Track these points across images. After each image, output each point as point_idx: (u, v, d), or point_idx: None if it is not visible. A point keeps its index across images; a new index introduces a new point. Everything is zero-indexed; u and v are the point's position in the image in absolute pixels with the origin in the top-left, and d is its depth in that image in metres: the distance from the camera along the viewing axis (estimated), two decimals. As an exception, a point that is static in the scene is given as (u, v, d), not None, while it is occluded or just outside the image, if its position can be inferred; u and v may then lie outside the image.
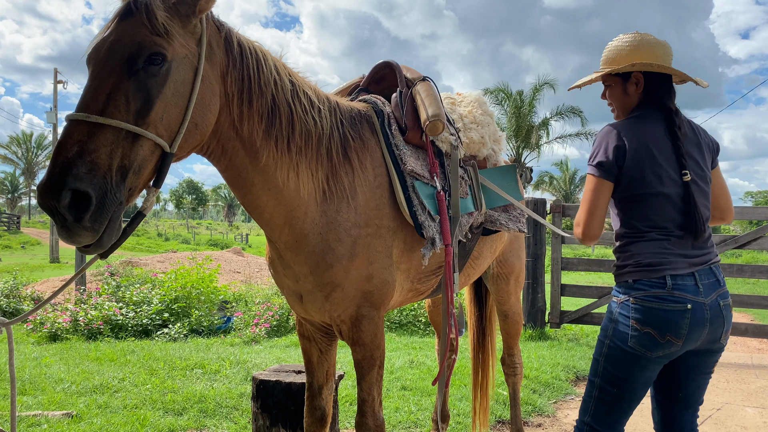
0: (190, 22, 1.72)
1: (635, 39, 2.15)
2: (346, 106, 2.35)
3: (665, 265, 2.01)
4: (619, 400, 2.07)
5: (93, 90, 1.58)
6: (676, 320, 1.97)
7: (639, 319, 2.00)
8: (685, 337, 1.98)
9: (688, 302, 1.97)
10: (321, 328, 2.50)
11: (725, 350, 7.43)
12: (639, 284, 2.03)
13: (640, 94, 2.15)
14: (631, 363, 2.03)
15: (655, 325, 1.97)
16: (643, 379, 2.06)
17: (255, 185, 2.01)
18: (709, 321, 2.00)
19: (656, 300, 1.98)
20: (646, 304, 1.99)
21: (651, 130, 2.07)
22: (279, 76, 2.02)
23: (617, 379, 2.06)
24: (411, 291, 2.49)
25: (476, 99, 2.91)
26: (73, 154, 1.48)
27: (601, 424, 2.10)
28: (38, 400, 4.54)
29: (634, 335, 2.00)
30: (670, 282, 1.99)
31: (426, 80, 2.48)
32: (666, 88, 2.14)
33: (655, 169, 2.03)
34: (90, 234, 1.50)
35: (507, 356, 3.57)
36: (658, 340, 1.98)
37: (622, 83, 2.17)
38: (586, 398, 2.17)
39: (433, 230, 2.29)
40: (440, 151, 2.50)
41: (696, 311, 1.98)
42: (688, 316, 1.97)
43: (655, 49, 2.12)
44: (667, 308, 1.97)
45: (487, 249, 2.95)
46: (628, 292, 2.05)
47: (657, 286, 1.99)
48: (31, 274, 17.00)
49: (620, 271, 2.11)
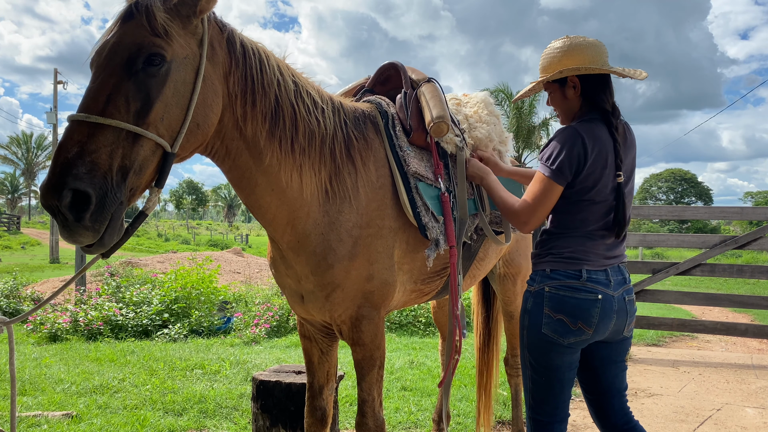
0: (191, 22, 1.72)
1: (564, 44, 2.17)
2: (350, 106, 2.35)
3: (583, 261, 2.12)
4: (550, 387, 2.17)
5: (94, 91, 1.59)
6: (588, 308, 2.08)
7: (552, 306, 2.10)
8: (595, 327, 2.09)
9: (599, 293, 2.09)
10: (322, 328, 2.50)
11: (725, 350, 7.37)
12: (555, 274, 2.12)
13: (579, 97, 2.17)
14: (547, 349, 2.13)
15: (567, 313, 2.08)
16: (565, 365, 2.15)
17: (259, 185, 2.01)
18: (616, 313, 2.12)
19: (570, 289, 2.09)
20: (561, 292, 2.10)
21: (603, 136, 2.10)
22: (282, 77, 2.02)
23: (541, 366, 2.16)
24: (414, 291, 2.48)
25: (482, 100, 2.89)
26: (73, 155, 1.50)
27: (540, 413, 2.20)
28: (38, 401, 4.54)
29: (547, 322, 2.11)
30: (585, 275, 2.10)
31: (431, 81, 2.47)
32: (602, 88, 2.16)
33: (604, 178, 2.08)
34: (91, 233, 1.51)
35: (511, 357, 3.56)
36: (570, 327, 2.08)
37: (560, 89, 2.20)
38: (525, 393, 2.27)
39: (436, 231, 2.28)
40: (445, 152, 2.49)
41: (605, 302, 2.09)
42: (599, 306, 2.08)
43: (586, 51, 2.14)
44: (580, 297, 2.08)
45: (492, 250, 2.94)
46: (543, 281, 2.14)
47: (572, 277, 2.10)
48: (31, 274, 17.00)
49: (539, 259, 2.20)
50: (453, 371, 2.43)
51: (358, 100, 2.59)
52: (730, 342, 8.11)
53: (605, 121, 2.12)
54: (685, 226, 45.22)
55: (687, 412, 4.67)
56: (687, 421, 4.46)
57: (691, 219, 37.34)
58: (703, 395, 5.22)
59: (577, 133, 2.06)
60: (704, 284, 16.42)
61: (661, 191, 56.98)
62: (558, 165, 2.05)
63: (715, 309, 10.95)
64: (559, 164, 2.05)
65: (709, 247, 6.91)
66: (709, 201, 54.59)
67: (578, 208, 2.11)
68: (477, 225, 2.60)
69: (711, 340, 8.17)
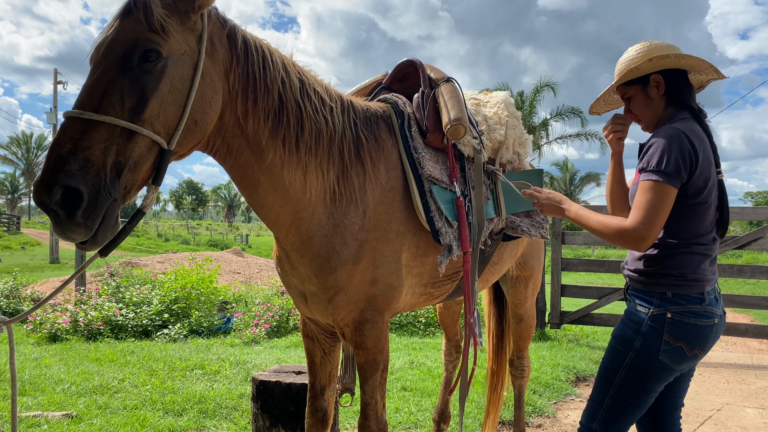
0: (190, 18, 1.70)
1: (644, 46, 2.10)
2: (362, 105, 2.29)
3: (704, 281, 2.00)
4: (634, 408, 2.07)
5: (89, 87, 1.58)
6: (706, 335, 1.99)
7: (674, 334, 1.98)
8: (707, 350, 2.02)
9: (716, 317, 2.01)
10: (325, 328, 2.47)
11: (725, 350, 7.36)
12: (678, 298, 1.99)
13: (663, 97, 2.08)
14: (657, 375, 2.02)
15: (688, 340, 1.98)
16: (662, 388, 2.07)
17: (261, 184, 1.99)
18: (720, 332, 2.06)
19: (693, 315, 1.98)
20: (684, 319, 1.98)
21: (701, 133, 2.00)
22: (287, 74, 1.98)
23: (638, 390, 2.04)
24: (424, 294, 2.44)
25: (503, 100, 2.82)
26: (66, 151, 1.49)
27: (608, 429, 2.10)
28: (38, 401, 4.54)
29: (666, 349, 1.98)
30: (707, 297, 2.00)
31: (450, 81, 2.41)
32: (686, 84, 2.08)
33: (712, 177, 1.98)
34: (83, 230, 1.50)
35: (516, 358, 3.53)
36: (687, 354, 1.99)
37: (642, 90, 2.09)
38: (594, 405, 2.13)
39: (450, 237, 2.23)
40: (462, 154, 2.43)
41: (720, 325, 2.02)
42: (715, 330, 2.01)
43: (667, 48, 2.07)
44: (701, 324, 1.98)
45: (507, 253, 2.88)
46: (664, 305, 1.99)
47: (695, 301, 1.98)
48: (31, 274, 16.99)
49: (656, 281, 2.03)
50: (469, 382, 2.39)
51: (374, 98, 2.54)
52: (730, 342, 8.11)
53: (696, 118, 2.03)
54: (685, 226, 45.15)
55: (687, 413, 4.67)
56: (687, 421, 4.46)
57: (691, 219, 37.16)
58: (703, 395, 5.22)
59: (680, 131, 1.94)
60: (704, 284, 16.39)
61: (661, 191, 56.80)
62: (672, 166, 1.89)
63: (715, 309, 10.94)
64: (674, 165, 1.89)
65: (709, 247, 6.90)
66: (709, 201, 54.50)
67: (691, 212, 1.98)
68: (492, 229, 2.55)
69: (711, 341, 8.17)
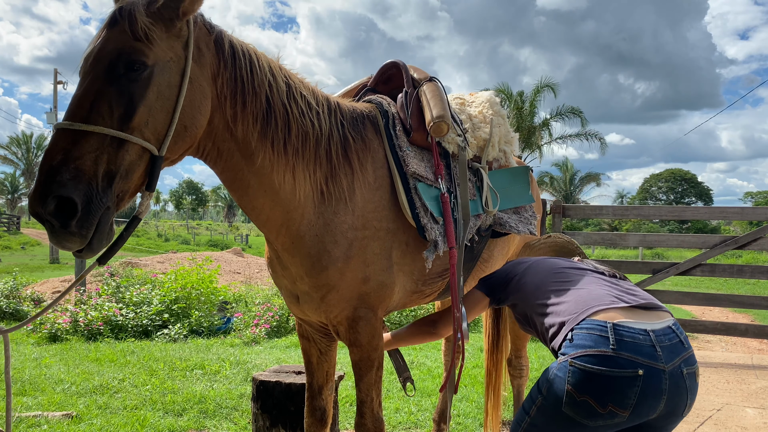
0: (175, 25, 1.72)
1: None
2: (348, 106, 2.32)
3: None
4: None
5: (78, 98, 1.60)
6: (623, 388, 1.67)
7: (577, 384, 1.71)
8: (633, 408, 1.67)
9: (639, 367, 1.67)
10: (320, 328, 2.49)
11: (725, 351, 7.32)
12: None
13: None
14: (565, 426, 1.75)
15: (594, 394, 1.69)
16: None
17: (251, 187, 2.01)
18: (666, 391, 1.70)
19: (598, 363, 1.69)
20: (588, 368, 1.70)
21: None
22: (274, 78, 2.01)
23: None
24: (415, 293, 2.46)
25: (487, 99, 2.84)
26: (57, 162, 1.51)
27: None
28: (38, 401, 4.54)
29: (569, 402, 1.71)
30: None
31: (433, 80, 2.44)
32: None
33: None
34: (78, 239, 1.53)
35: (514, 358, 3.53)
36: (597, 410, 1.68)
37: None
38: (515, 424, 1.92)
39: (435, 233, 2.26)
40: (446, 152, 2.46)
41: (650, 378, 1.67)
42: (638, 384, 1.66)
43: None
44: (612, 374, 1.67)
45: (498, 251, 2.89)
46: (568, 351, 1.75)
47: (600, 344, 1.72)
48: (31, 274, 16.99)
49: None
50: (459, 376, 2.40)
51: (359, 99, 2.57)
52: (730, 342, 8.11)
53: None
54: (685, 227, 45.22)
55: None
56: (687, 421, 4.46)
57: (691, 219, 37.34)
58: (703, 395, 5.21)
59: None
60: (704, 284, 16.41)
61: (661, 191, 56.95)
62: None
63: (715, 309, 10.95)
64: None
65: (709, 247, 6.91)
66: (709, 201, 54.59)
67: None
68: (480, 226, 2.57)
69: (711, 340, 8.17)
